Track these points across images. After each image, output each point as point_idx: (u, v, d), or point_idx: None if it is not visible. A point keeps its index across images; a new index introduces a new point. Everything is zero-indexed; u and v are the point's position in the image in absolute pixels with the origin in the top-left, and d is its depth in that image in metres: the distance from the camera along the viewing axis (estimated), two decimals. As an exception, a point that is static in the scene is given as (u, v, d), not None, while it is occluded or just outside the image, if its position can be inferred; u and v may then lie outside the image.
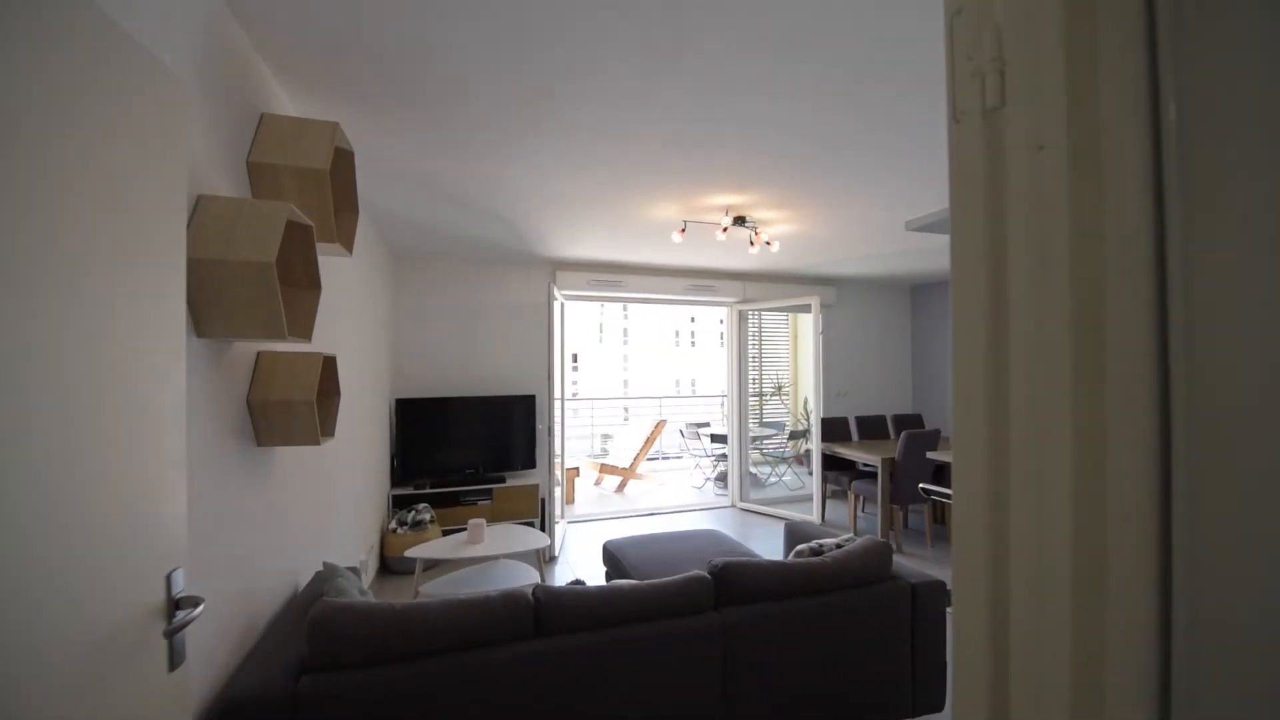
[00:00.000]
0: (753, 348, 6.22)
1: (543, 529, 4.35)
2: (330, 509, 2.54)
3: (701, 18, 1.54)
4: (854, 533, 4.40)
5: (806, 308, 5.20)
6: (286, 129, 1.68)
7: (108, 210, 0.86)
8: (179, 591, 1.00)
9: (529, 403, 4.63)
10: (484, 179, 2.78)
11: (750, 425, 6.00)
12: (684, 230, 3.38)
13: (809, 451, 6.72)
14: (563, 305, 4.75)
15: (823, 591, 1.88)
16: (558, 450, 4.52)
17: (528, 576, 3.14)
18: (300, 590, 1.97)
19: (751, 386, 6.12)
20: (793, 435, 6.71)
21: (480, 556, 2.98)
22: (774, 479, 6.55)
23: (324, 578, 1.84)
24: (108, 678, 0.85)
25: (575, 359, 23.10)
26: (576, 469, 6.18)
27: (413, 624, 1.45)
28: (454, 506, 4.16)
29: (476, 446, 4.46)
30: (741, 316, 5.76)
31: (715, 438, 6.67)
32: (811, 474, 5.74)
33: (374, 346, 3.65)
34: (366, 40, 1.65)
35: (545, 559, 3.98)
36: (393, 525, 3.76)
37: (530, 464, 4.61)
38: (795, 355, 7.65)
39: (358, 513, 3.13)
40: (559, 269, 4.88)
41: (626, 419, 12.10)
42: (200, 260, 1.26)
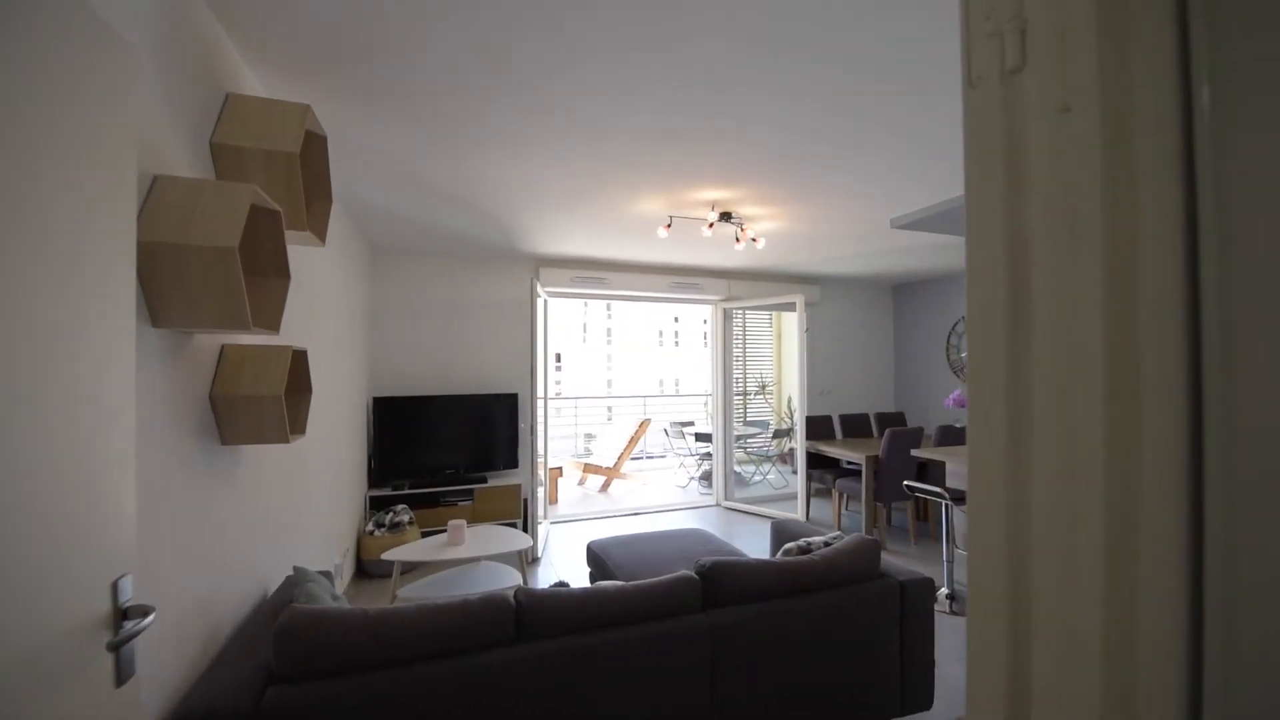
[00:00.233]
0: (737, 347, 6.20)
1: (525, 530, 4.27)
2: (302, 511, 2.44)
3: (690, 9, 1.49)
4: (839, 530, 4.41)
5: (791, 306, 5.19)
6: (253, 109, 1.59)
7: (42, 183, 0.78)
8: (127, 600, 0.92)
9: (511, 401, 4.55)
10: (465, 170, 2.70)
11: (734, 424, 5.99)
12: (670, 225, 3.33)
13: (792, 450, 6.74)
14: (546, 302, 4.68)
15: (812, 590, 1.85)
16: (541, 450, 4.45)
17: (510, 578, 3.07)
18: (269, 596, 1.88)
19: (735, 385, 6.10)
20: (776, 434, 6.71)
21: (461, 559, 2.90)
22: (758, 477, 6.55)
23: (294, 583, 1.76)
24: (44, 696, 0.77)
25: (559, 359, 22.96)
26: (560, 469, 6.11)
27: (387, 630, 1.38)
28: (434, 507, 4.06)
29: (457, 446, 4.36)
30: (726, 315, 5.73)
31: (699, 436, 6.65)
32: (795, 472, 5.75)
33: (350, 343, 3.54)
34: (342, 24, 1.57)
35: (528, 560, 3.90)
36: (370, 527, 3.65)
37: (512, 464, 4.52)
38: (779, 354, 7.67)
39: (333, 514, 3.03)
40: (542, 265, 4.81)
41: (610, 419, 12.04)
42: (156, 244, 1.17)
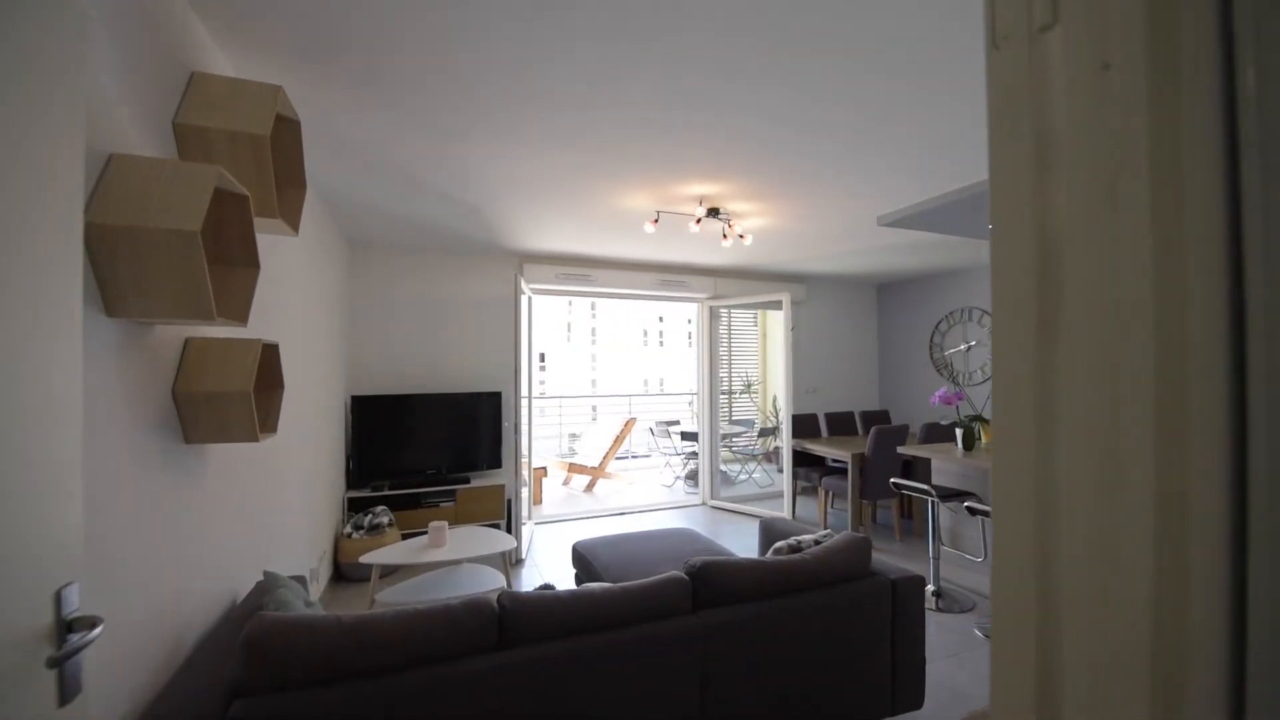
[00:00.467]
0: (723, 345, 6.18)
1: (509, 531, 4.19)
2: (275, 513, 2.34)
3: (681, -18, 1.45)
4: (825, 528, 4.40)
5: (777, 304, 5.18)
6: (220, 89, 1.50)
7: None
8: (72, 611, 0.84)
9: (495, 400, 4.46)
10: (446, 162, 2.62)
11: (720, 423, 5.96)
12: (657, 221, 3.28)
13: (778, 449, 6.74)
14: (530, 299, 4.60)
15: (804, 590, 1.81)
16: (525, 449, 4.37)
17: (493, 581, 2.99)
18: (238, 603, 1.79)
19: (721, 384, 6.08)
20: (762, 432, 6.71)
21: (442, 561, 2.82)
22: (743, 476, 6.53)
23: (264, 589, 1.67)
24: (-29, 721, 0.69)
25: (542, 358, 22.80)
26: (544, 469, 6.02)
27: (363, 638, 1.31)
28: (415, 509, 3.96)
29: (439, 446, 4.27)
30: (713, 313, 5.71)
31: (685, 435, 6.61)
32: (781, 471, 5.74)
33: (327, 340, 3.43)
34: (318, 5, 1.50)
35: (512, 562, 3.82)
36: (348, 529, 3.54)
37: (496, 464, 4.44)
38: (764, 353, 7.67)
39: (308, 517, 2.92)
40: (526, 261, 4.73)
41: (594, 418, 11.96)
42: (110, 226, 1.09)
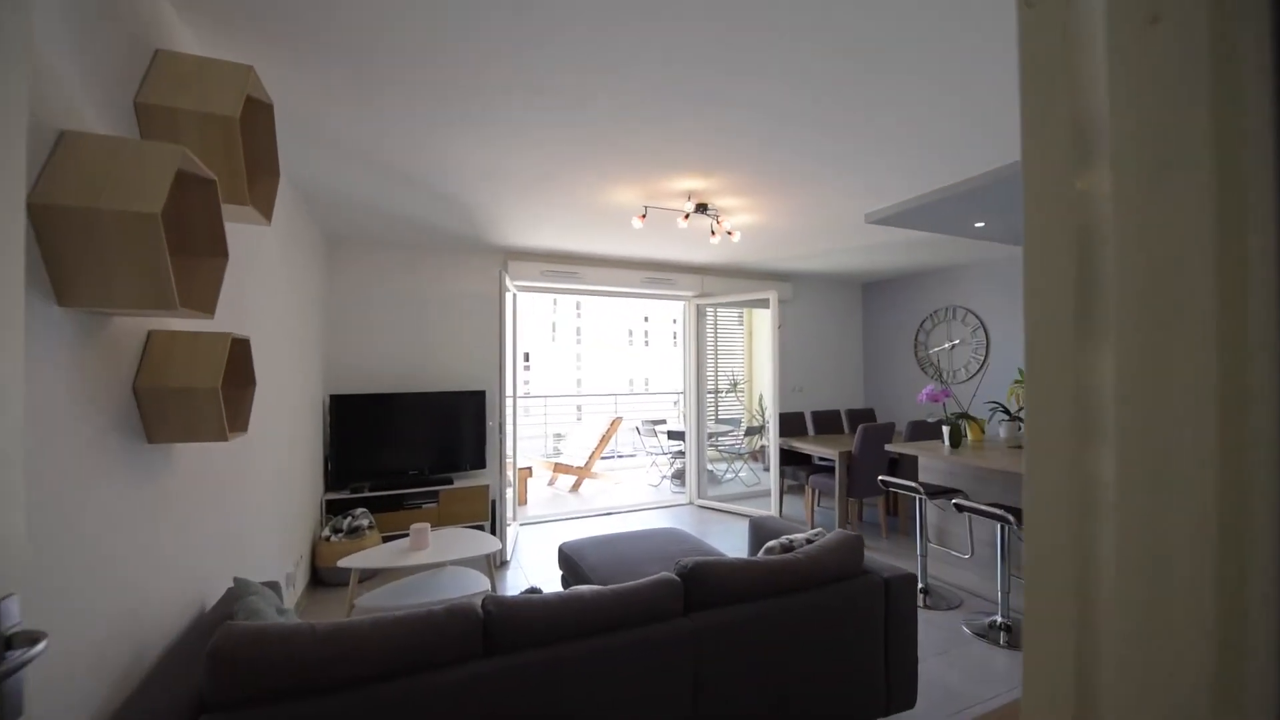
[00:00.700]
0: (709, 344, 6.16)
1: (493, 532, 4.11)
2: (247, 516, 2.25)
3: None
4: (812, 526, 4.40)
5: (764, 302, 5.17)
6: (187, 68, 1.42)
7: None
8: (12, 625, 0.76)
9: (479, 399, 4.38)
10: (428, 153, 2.54)
11: (707, 422, 5.93)
12: (645, 216, 3.24)
13: (764, 447, 6.74)
14: (515, 296, 4.52)
15: (797, 590, 1.78)
16: (509, 449, 4.29)
17: (477, 584, 2.92)
18: (207, 611, 1.70)
19: (707, 383, 6.06)
20: (749, 431, 6.70)
21: (424, 564, 2.74)
22: (730, 475, 6.52)
23: (235, 596, 1.59)
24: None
25: (527, 358, 22.63)
26: (529, 469, 5.94)
27: (339, 647, 1.24)
28: (396, 511, 3.86)
29: (421, 446, 4.17)
30: (700, 311, 5.68)
31: (672, 435, 6.58)
32: (768, 469, 5.73)
33: (304, 336, 3.32)
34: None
35: (496, 564, 3.74)
36: (326, 533, 3.43)
37: (480, 464, 4.35)
38: (750, 352, 7.67)
39: (284, 520, 2.82)
40: (511, 258, 4.65)
41: (580, 418, 11.88)
42: (60, 208, 1.01)
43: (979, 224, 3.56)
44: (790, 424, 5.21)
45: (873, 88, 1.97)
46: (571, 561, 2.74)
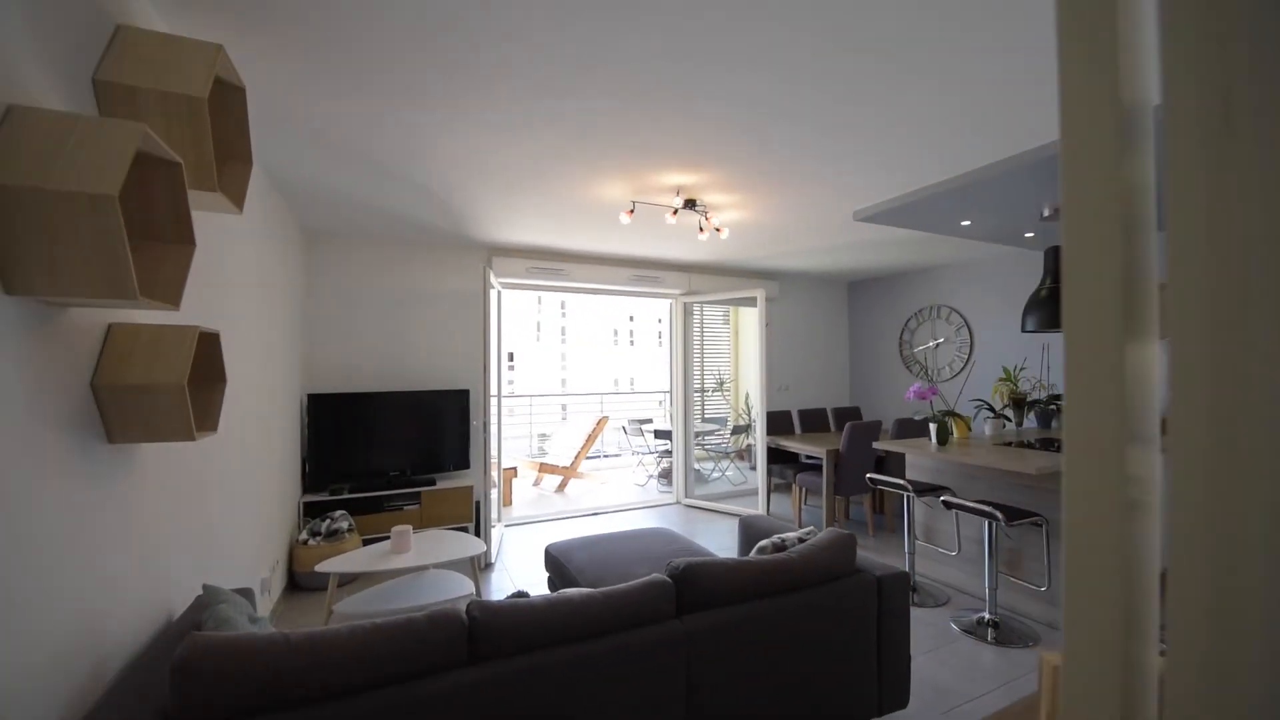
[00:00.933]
0: (695, 343, 6.13)
1: (478, 534, 4.03)
2: (218, 520, 2.15)
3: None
4: (799, 524, 4.39)
5: (751, 301, 5.16)
6: (150, 45, 1.34)
7: None
8: (-56, 644, 0.69)
9: (462, 398, 4.29)
10: (411, 145, 2.46)
11: (694, 421, 5.91)
12: (632, 211, 3.19)
13: (750, 446, 6.74)
14: (499, 294, 4.44)
15: (790, 590, 1.74)
16: (494, 449, 4.21)
17: (461, 587, 2.85)
18: (174, 621, 1.61)
19: (694, 382, 6.03)
20: (735, 430, 6.70)
21: (406, 568, 2.66)
22: (717, 474, 6.51)
23: (203, 604, 1.50)
24: None
25: (511, 357, 22.45)
26: (514, 469, 5.86)
27: (314, 657, 1.17)
28: (377, 513, 3.76)
29: (403, 446, 4.07)
30: (686, 309, 5.65)
31: (659, 434, 6.54)
32: (754, 468, 5.72)
33: (281, 333, 3.21)
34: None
35: (481, 566, 3.66)
36: (303, 536, 3.33)
37: (464, 464, 4.27)
38: (736, 351, 7.66)
39: (258, 523, 2.72)
40: (495, 254, 4.57)
41: (565, 417, 11.82)
42: (7, 188, 0.93)
43: (965, 222, 3.58)
44: (777, 422, 5.20)
45: (870, 84, 1.95)
46: (558, 563, 2.69)
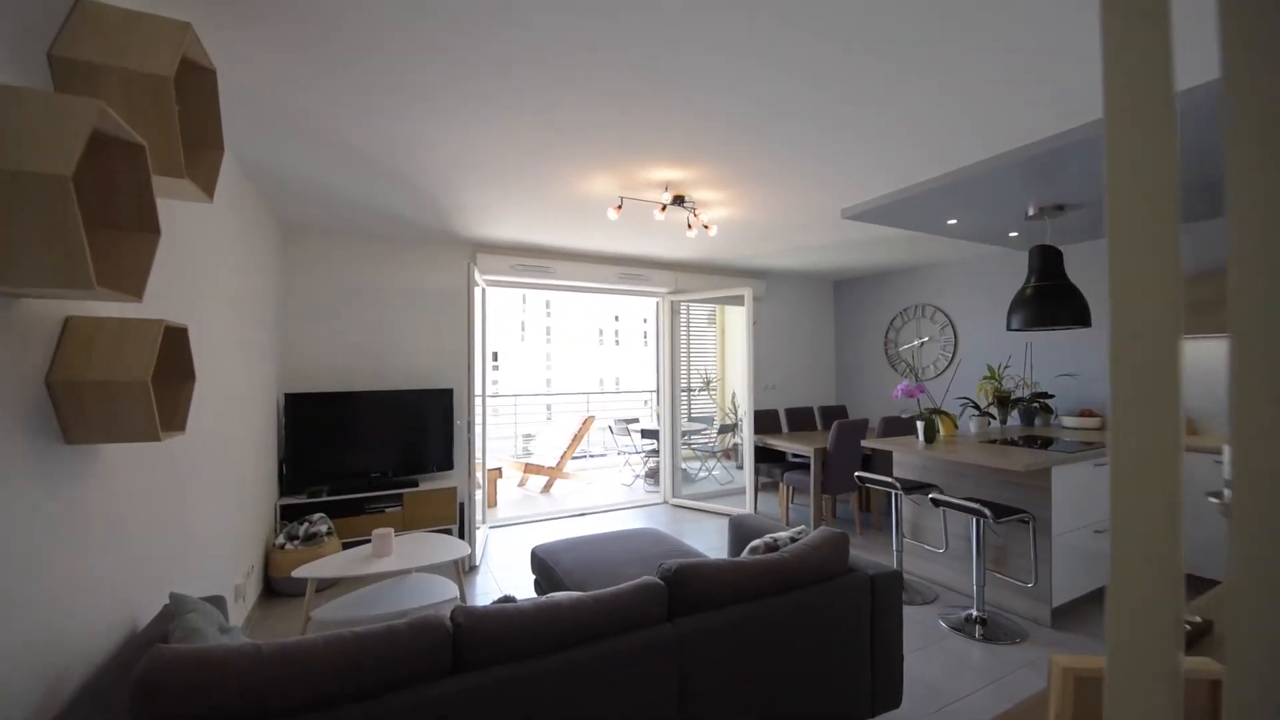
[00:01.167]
0: (681, 342, 6.11)
1: (462, 536, 3.95)
2: (188, 525, 2.06)
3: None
4: (786, 523, 4.38)
5: (739, 299, 5.14)
6: (112, 20, 1.26)
7: None
8: None
9: (445, 397, 4.20)
10: (393, 137, 2.38)
11: (681, 420, 5.88)
12: (620, 207, 3.14)
13: (737, 445, 6.73)
14: (484, 291, 4.36)
15: (784, 591, 1.71)
16: (479, 449, 4.14)
17: (445, 591, 2.78)
18: (139, 632, 1.53)
19: (681, 381, 6.01)
20: (722, 429, 6.68)
21: (387, 572, 2.58)
22: (703, 474, 6.49)
23: (170, 614, 1.43)
24: None
25: (495, 357, 22.26)
26: (499, 469, 5.77)
27: (288, 669, 1.11)
28: (358, 515, 3.66)
29: (384, 447, 3.97)
30: (673, 308, 5.62)
31: (645, 433, 6.50)
32: (741, 467, 5.72)
33: (256, 330, 3.10)
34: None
35: (465, 569, 3.59)
36: (280, 540, 3.22)
37: (447, 465, 4.18)
38: (722, 350, 7.66)
39: (231, 528, 2.62)
40: (480, 251, 4.49)
41: (550, 417, 11.75)
42: (-55, 166, 0.86)
43: (951, 221, 3.59)
44: (764, 421, 5.19)
45: (868, 80, 1.93)
46: (545, 565, 2.63)
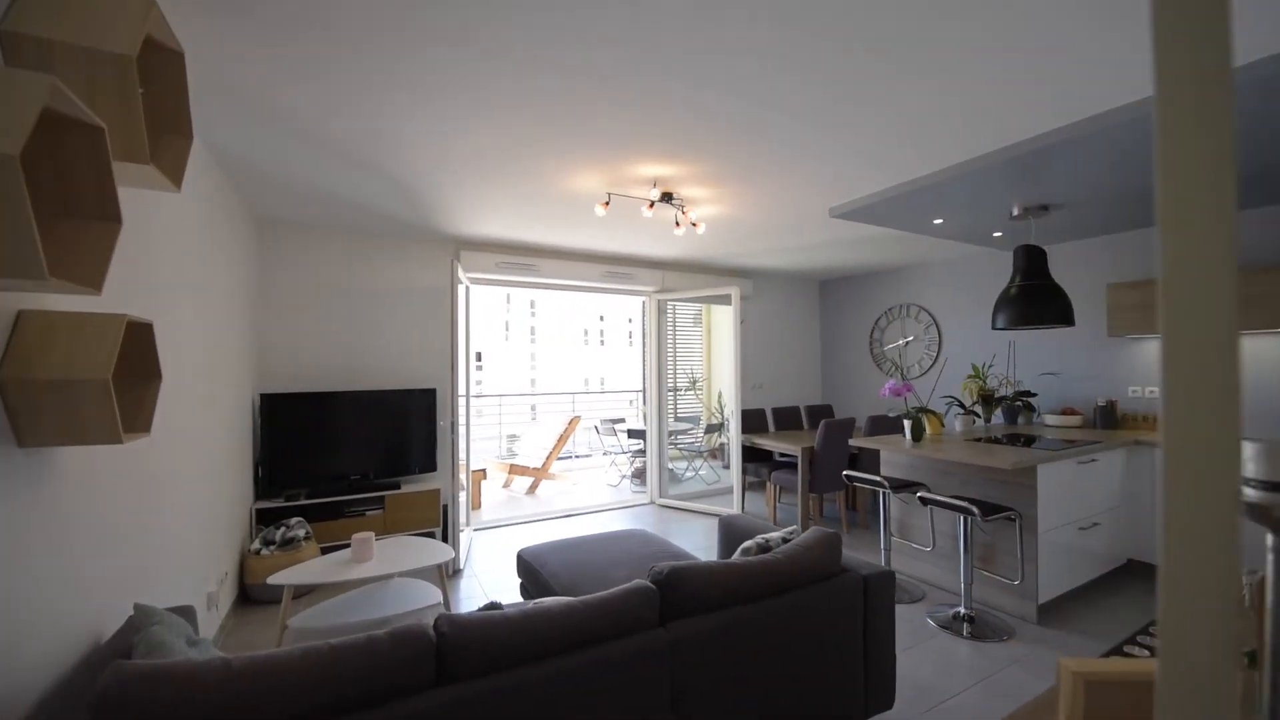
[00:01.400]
0: (668, 342, 6.08)
1: (445, 539, 3.87)
2: (155, 531, 1.97)
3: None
4: (774, 522, 4.37)
5: (726, 298, 5.13)
6: (69, -5, 1.18)
7: None
8: None
9: (428, 397, 4.12)
10: (375, 129, 2.31)
11: (668, 420, 5.85)
12: (608, 204, 3.10)
13: (723, 445, 6.72)
14: (468, 289, 4.28)
15: (777, 592, 1.68)
16: (462, 450, 4.06)
17: (427, 596, 2.71)
18: (101, 646, 1.44)
19: (668, 381, 5.97)
20: (709, 429, 6.66)
21: (368, 577, 2.50)
22: (690, 474, 6.46)
23: (134, 626, 1.35)
24: None
25: (479, 357, 22.04)
26: (483, 471, 5.68)
27: (259, 683, 1.04)
28: (337, 519, 3.56)
29: (365, 448, 3.87)
30: (660, 307, 5.58)
31: (632, 433, 6.46)
32: (728, 467, 5.70)
33: (229, 328, 2.99)
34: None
35: (449, 574, 3.52)
36: (255, 545, 3.11)
37: (430, 466, 4.09)
38: (708, 350, 7.64)
39: (204, 534, 2.51)
40: (463, 248, 4.40)
41: (534, 418, 11.65)
42: (-126, 143, 0.78)
43: (937, 220, 3.61)
44: (751, 421, 5.18)
45: (868, 80, 1.92)
46: (531, 569, 2.57)
